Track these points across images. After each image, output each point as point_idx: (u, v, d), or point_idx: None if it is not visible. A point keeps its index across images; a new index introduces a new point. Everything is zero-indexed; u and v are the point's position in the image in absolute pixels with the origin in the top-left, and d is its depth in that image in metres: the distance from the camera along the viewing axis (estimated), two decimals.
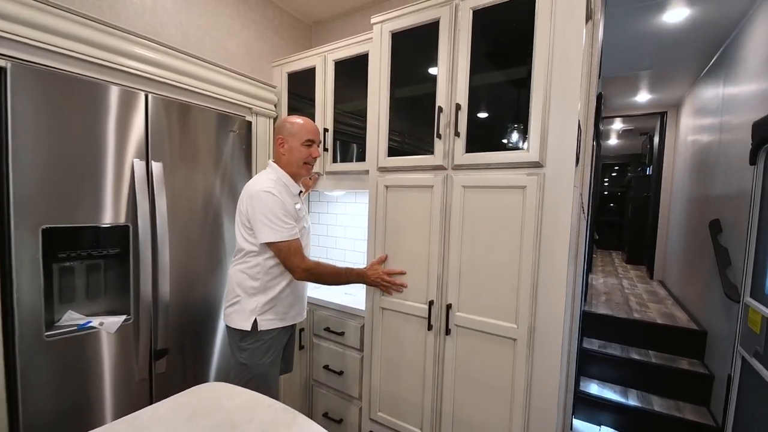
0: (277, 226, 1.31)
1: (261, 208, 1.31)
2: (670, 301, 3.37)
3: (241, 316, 1.38)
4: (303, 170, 1.47)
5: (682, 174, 3.78)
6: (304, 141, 1.43)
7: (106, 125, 1.30)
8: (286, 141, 1.43)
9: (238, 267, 1.40)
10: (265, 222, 1.31)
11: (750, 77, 2.13)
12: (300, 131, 1.43)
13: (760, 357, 1.68)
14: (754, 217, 1.87)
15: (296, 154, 1.43)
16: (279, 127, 1.46)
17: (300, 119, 1.46)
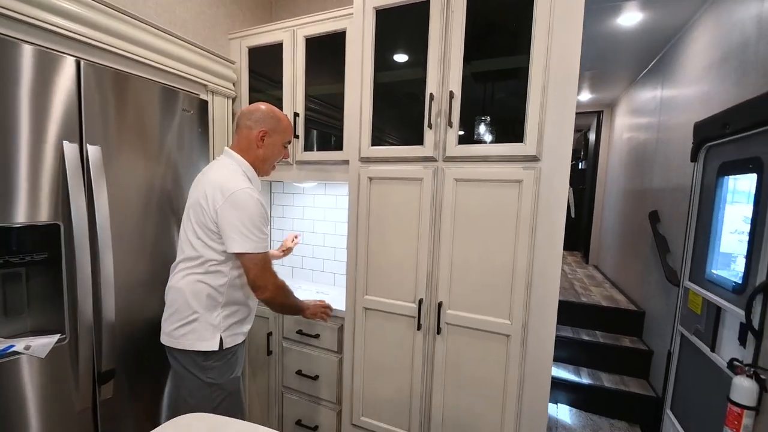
0: (254, 236, 1.13)
1: (242, 213, 1.11)
2: (608, 284, 3.70)
3: (203, 335, 1.17)
4: (269, 171, 1.34)
5: (616, 168, 4.13)
6: (286, 141, 1.32)
7: (21, 97, 1.01)
8: (269, 135, 1.26)
9: (195, 278, 1.18)
10: (242, 230, 1.11)
11: (690, 81, 2.33)
12: (287, 130, 1.31)
13: (701, 335, 1.87)
14: (693, 208, 2.07)
15: (275, 153, 1.30)
16: (264, 117, 1.25)
17: (284, 117, 1.31)
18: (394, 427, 1.47)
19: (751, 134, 1.59)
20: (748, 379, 1.37)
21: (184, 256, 1.21)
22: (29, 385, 1.05)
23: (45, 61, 1.06)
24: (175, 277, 1.22)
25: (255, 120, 1.24)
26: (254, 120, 1.24)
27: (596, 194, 4.73)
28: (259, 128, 1.24)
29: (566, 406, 2.47)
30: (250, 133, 1.24)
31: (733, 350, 1.60)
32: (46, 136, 1.07)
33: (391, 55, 1.43)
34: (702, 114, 2.05)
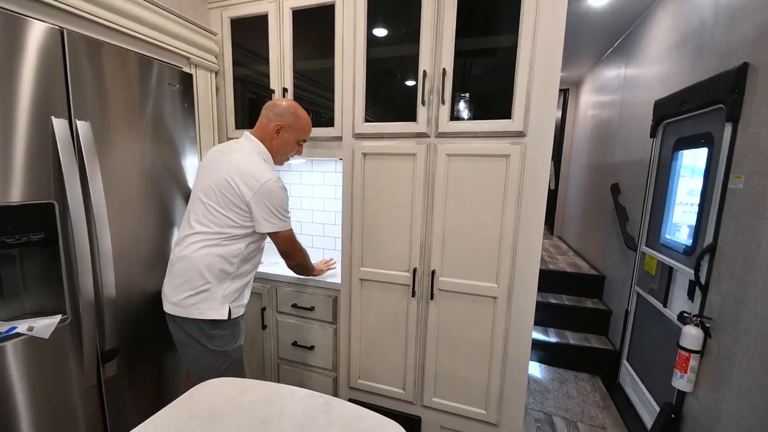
0: (284, 217, 1.27)
1: (273, 201, 1.23)
2: (572, 252, 3.99)
3: (212, 305, 1.24)
4: (280, 163, 1.39)
5: (580, 144, 4.37)
6: (301, 139, 1.37)
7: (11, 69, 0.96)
8: (284, 130, 1.31)
9: (211, 250, 1.23)
10: (274, 214, 1.24)
11: (651, 61, 2.50)
12: (304, 129, 1.36)
13: (655, 293, 2.12)
14: (651, 180, 2.27)
15: (288, 149, 1.36)
16: (283, 112, 1.31)
17: (305, 116, 1.36)
18: (390, 387, 1.58)
19: (704, 112, 1.76)
20: (695, 327, 1.59)
21: (200, 229, 1.24)
22: (35, 365, 1.05)
23: (33, 33, 0.99)
24: (188, 248, 1.24)
25: (275, 113, 1.30)
26: (275, 113, 1.30)
27: (561, 169, 4.99)
28: (277, 122, 1.30)
29: (536, 363, 2.72)
30: (268, 124, 1.31)
31: (682, 305, 1.83)
32: (33, 111, 1.02)
33: (384, 31, 1.44)
34: (662, 93, 2.23)
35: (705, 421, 1.52)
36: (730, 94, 1.52)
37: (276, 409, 0.80)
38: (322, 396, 0.85)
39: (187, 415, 0.78)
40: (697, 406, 1.60)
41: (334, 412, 0.80)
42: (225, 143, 1.37)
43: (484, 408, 1.45)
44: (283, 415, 0.78)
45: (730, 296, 1.45)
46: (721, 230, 1.54)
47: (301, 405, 0.82)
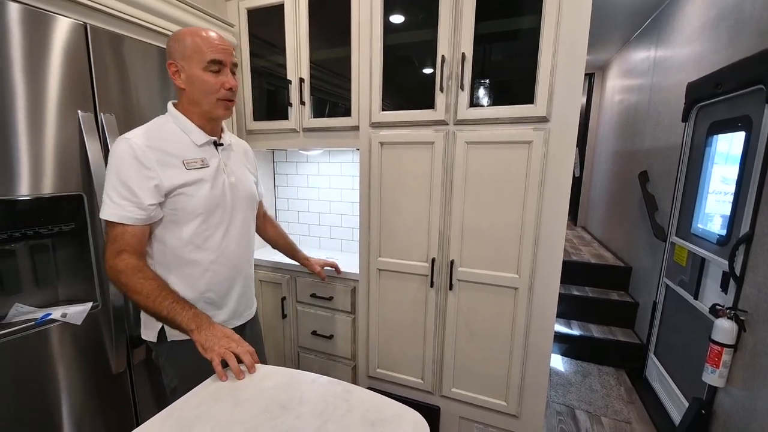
0: (107, 194, 0.88)
1: (108, 167, 0.90)
2: (596, 243, 3.87)
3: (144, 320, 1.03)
4: (219, 109, 0.99)
5: (606, 131, 4.21)
6: (207, 64, 0.94)
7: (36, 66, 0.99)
8: (181, 69, 0.94)
9: None
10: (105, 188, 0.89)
11: (684, 41, 2.36)
12: (197, 49, 0.93)
13: (685, 285, 2.03)
14: (683, 167, 2.17)
15: (200, 86, 0.95)
16: (168, 50, 0.96)
17: (195, 31, 0.95)
18: (409, 376, 1.58)
19: (741, 93, 1.66)
20: (728, 320, 1.52)
21: None
22: (69, 350, 1.10)
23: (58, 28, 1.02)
24: None
25: (167, 59, 0.97)
26: (167, 59, 0.97)
27: (585, 157, 4.83)
28: (167, 64, 0.96)
29: (559, 356, 2.66)
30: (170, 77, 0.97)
31: (714, 297, 1.75)
32: (61, 106, 1.05)
33: (401, 17, 1.41)
34: (695, 75, 2.10)
35: (738, 418, 1.46)
36: None
37: (296, 395, 0.81)
38: (341, 383, 0.85)
39: (210, 400, 0.80)
40: (729, 402, 1.53)
41: (353, 399, 0.80)
42: None
43: (504, 399, 1.43)
44: (304, 401, 0.79)
45: (767, 288, 1.37)
46: (759, 219, 1.46)
47: (321, 391, 0.83)
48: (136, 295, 0.88)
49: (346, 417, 0.74)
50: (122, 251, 0.88)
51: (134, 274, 0.87)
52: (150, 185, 0.89)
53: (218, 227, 1.02)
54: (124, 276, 0.87)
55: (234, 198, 1.05)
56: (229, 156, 1.08)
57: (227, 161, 1.07)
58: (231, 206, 1.04)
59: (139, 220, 0.89)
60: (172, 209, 0.94)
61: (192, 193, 0.95)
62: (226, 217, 1.03)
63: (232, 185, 1.05)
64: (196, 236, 0.98)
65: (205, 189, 0.97)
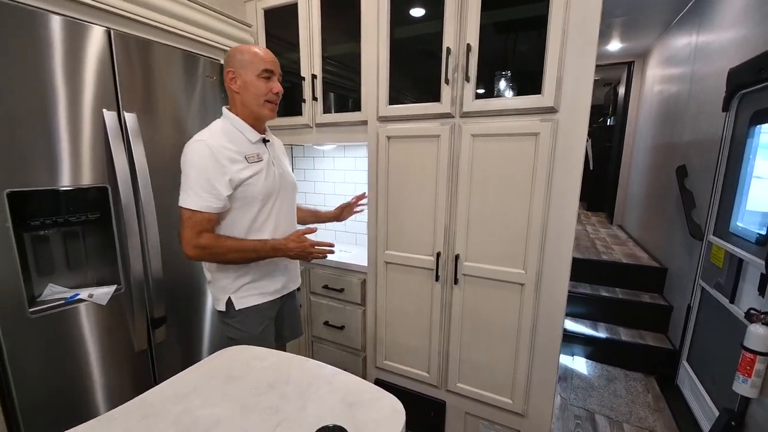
0: (186, 187, 1.05)
1: (183, 163, 1.07)
2: (631, 242, 3.66)
3: (216, 296, 1.20)
4: (265, 110, 1.16)
5: (645, 123, 3.95)
6: (261, 72, 1.13)
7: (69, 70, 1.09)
8: (238, 76, 1.13)
9: None
10: (182, 182, 1.07)
11: (726, 25, 2.18)
12: (254, 60, 1.12)
13: (721, 288, 1.88)
14: (722, 160, 2.00)
15: (255, 90, 1.13)
16: (227, 59, 1.15)
17: (253, 47, 1.16)
18: (415, 369, 1.59)
19: None
20: (763, 326, 1.40)
21: None
22: (96, 328, 1.21)
23: (83, 35, 1.13)
24: None
25: (225, 67, 1.15)
26: (225, 67, 1.15)
27: (623, 152, 4.56)
28: (227, 70, 1.14)
29: (582, 359, 2.56)
30: (226, 83, 1.16)
31: (751, 301, 1.62)
32: (89, 105, 1.16)
33: (408, 10, 1.42)
34: (737, 61, 1.93)
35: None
36: None
37: (284, 375, 0.85)
38: (328, 367, 0.88)
39: (206, 375, 0.85)
40: (762, 414, 1.41)
41: (336, 382, 0.83)
42: None
43: (510, 397, 1.41)
44: (290, 381, 0.83)
45: None
46: None
47: (308, 373, 0.86)
48: (223, 255, 1.10)
49: (327, 398, 0.77)
50: (201, 232, 1.06)
51: (216, 241, 1.08)
52: (225, 180, 1.07)
53: (272, 211, 1.20)
54: (210, 247, 1.07)
55: (282, 186, 1.24)
56: (274, 150, 1.25)
57: (273, 155, 1.24)
58: (281, 193, 1.23)
59: (216, 208, 1.07)
60: (238, 198, 1.12)
61: (254, 183, 1.13)
62: (277, 202, 1.22)
63: (281, 175, 1.24)
64: (256, 220, 1.17)
65: (262, 179, 1.15)
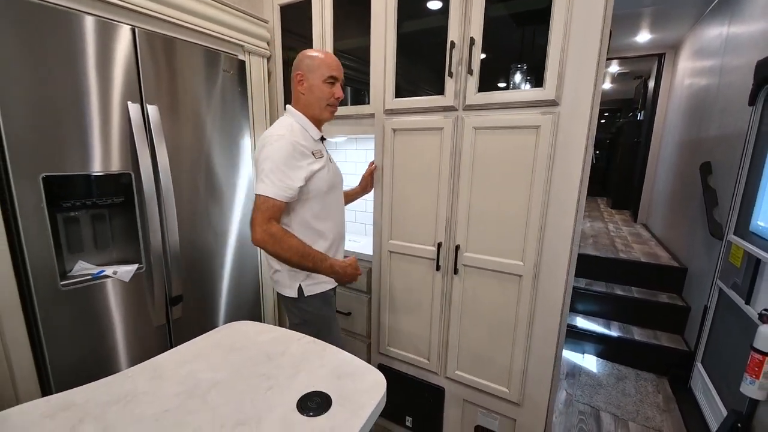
0: (265, 177, 1.14)
1: (263, 154, 1.17)
2: (653, 242, 3.55)
3: (285, 282, 1.29)
4: (326, 113, 1.29)
5: (674, 118, 3.80)
6: (327, 78, 1.24)
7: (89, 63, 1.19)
8: (306, 78, 1.24)
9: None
10: (260, 171, 1.16)
11: (758, 15, 2.07)
12: (323, 65, 1.23)
13: (738, 288, 1.82)
14: (746, 156, 1.92)
15: (320, 94, 1.24)
16: (297, 62, 1.26)
17: (320, 52, 1.26)
18: (416, 356, 1.64)
19: None
20: None
21: None
22: (119, 303, 1.33)
23: (111, 33, 1.22)
24: None
25: (294, 69, 1.26)
26: (293, 69, 1.26)
27: (651, 148, 4.40)
28: (295, 73, 1.25)
29: (593, 356, 2.53)
30: (293, 84, 1.27)
31: (767, 302, 1.57)
32: (115, 98, 1.26)
33: (415, 4, 1.44)
34: (767, 53, 1.84)
35: None
36: None
37: (281, 348, 0.92)
38: (322, 344, 0.95)
39: (210, 346, 0.94)
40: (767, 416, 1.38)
41: (328, 356, 0.89)
42: None
43: (506, 386, 1.44)
44: (286, 353, 0.90)
45: None
46: None
47: (303, 348, 0.93)
48: (284, 251, 1.15)
49: (318, 370, 0.83)
50: (271, 218, 1.14)
51: (283, 234, 1.15)
52: (299, 173, 1.17)
53: (332, 203, 1.33)
54: (276, 237, 1.13)
55: (339, 180, 1.39)
56: (327, 148, 1.37)
57: (329, 152, 1.36)
58: (338, 186, 1.37)
59: (287, 197, 1.16)
60: (307, 190, 1.22)
61: (321, 177, 1.24)
62: (336, 194, 1.35)
63: (336, 169, 1.37)
64: (320, 210, 1.27)
65: (325, 173, 1.26)
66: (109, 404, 0.72)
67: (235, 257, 1.75)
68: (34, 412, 0.69)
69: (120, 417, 0.68)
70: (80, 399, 0.73)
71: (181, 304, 1.51)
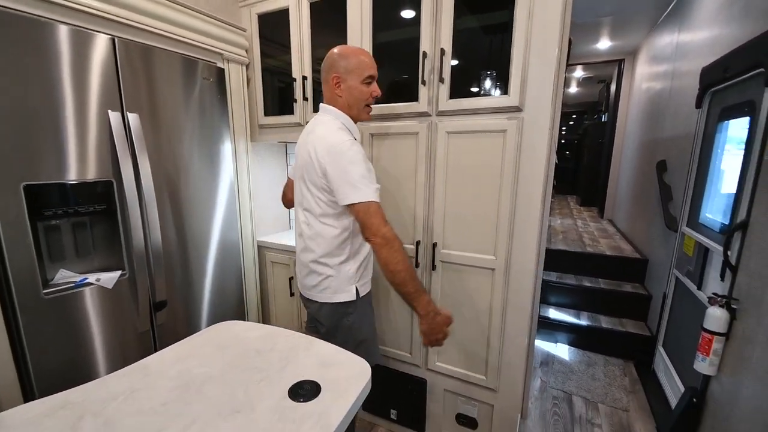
0: (359, 185, 1.10)
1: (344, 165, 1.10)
2: (618, 236, 3.77)
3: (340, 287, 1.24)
4: (364, 114, 1.25)
5: (634, 120, 4.05)
6: (365, 78, 1.19)
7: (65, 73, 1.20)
8: (343, 80, 1.19)
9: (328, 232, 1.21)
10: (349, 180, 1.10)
11: (702, 25, 2.27)
12: (359, 66, 1.18)
13: (691, 275, 1.99)
14: (695, 155, 2.11)
15: (359, 96, 1.20)
16: (331, 63, 1.20)
17: (357, 52, 1.21)
18: (398, 350, 1.71)
19: (747, 78, 1.61)
20: (720, 308, 1.51)
21: (308, 214, 1.23)
22: (103, 309, 1.33)
23: (90, 42, 1.24)
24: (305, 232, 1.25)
25: (326, 69, 1.21)
26: (326, 70, 1.21)
27: (614, 148, 4.66)
28: (332, 75, 1.19)
29: (565, 345, 2.67)
30: (327, 85, 1.21)
31: (715, 286, 1.73)
32: (96, 106, 1.27)
33: (389, 16, 1.52)
34: (710, 59, 2.03)
35: (725, 405, 1.46)
36: None
37: (270, 344, 0.97)
38: (309, 338, 1.00)
39: (200, 345, 0.97)
40: (719, 390, 1.53)
41: (314, 348, 0.95)
42: (311, 120, 1.31)
43: (483, 374, 1.52)
44: (275, 348, 0.95)
45: (757, 275, 1.36)
46: (755, 206, 1.43)
47: (291, 342, 0.98)
48: (399, 260, 1.10)
49: (304, 360, 0.89)
50: (384, 220, 1.12)
51: (396, 242, 1.11)
52: (373, 174, 1.16)
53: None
54: (391, 242, 1.10)
55: None
56: None
57: None
58: None
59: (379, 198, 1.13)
60: None
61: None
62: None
63: None
64: None
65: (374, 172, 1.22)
66: (107, 401, 0.75)
67: (217, 262, 1.78)
68: (31, 412, 0.72)
69: (119, 411, 0.72)
70: (77, 398, 0.76)
71: (166, 309, 1.52)
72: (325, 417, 0.70)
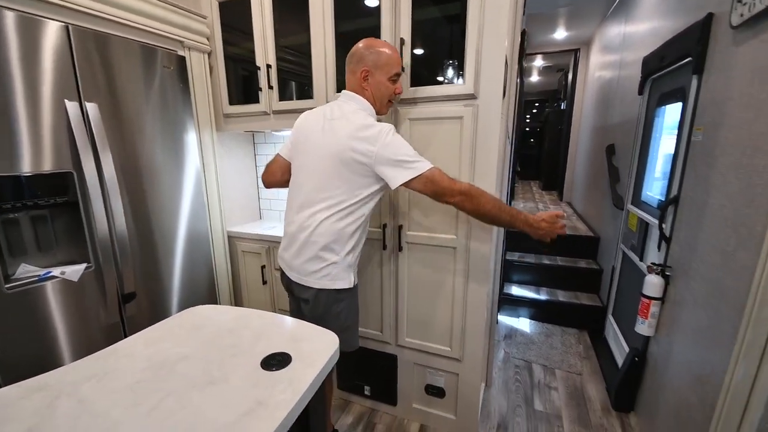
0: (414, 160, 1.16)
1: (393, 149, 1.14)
2: (575, 217, 4.01)
3: (340, 274, 1.27)
4: (384, 109, 1.29)
5: (588, 107, 4.28)
6: (392, 75, 1.23)
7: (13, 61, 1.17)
8: (371, 75, 1.21)
9: (341, 221, 1.22)
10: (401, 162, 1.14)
11: (644, 17, 2.44)
12: (389, 62, 1.21)
13: (635, 249, 2.19)
14: (638, 138, 2.29)
15: (384, 91, 1.24)
16: (360, 56, 1.21)
17: (386, 47, 1.23)
18: (370, 329, 1.79)
19: (679, 66, 1.77)
20: (656, 276, 1.68)
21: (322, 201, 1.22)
22: (69, 303, 1.32)
23: (42, 29, 1.20)
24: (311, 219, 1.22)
25: (355, 61, 1.22)
26: (354, 62, 1.22)
27: (571, 134, 4.91)
28: (360, 69, 1.21)
29: (526, 319, 2.86)
30: (354, 77, 1.23)
31: (654, 257, 1.91)
32: (50, 96, 1.24)
33: (350, 5, 1.56)
34: (651, 49, 2.20)
35: (662, 361, 1.64)
36: (696, 46, 1.54)
37: (243, 323, 1.01)
38: (281, 317, 1.05)
39: (174, 327, 1.00)
40: (657, 349, 1.72)
41: (286, 326, 1.00)
42: (326, 105, 1.31)
43: (449, 345, 1.63)
44: (248, 327, 0.99)
45: (685, 245, 1.53)
46: (684, 182, 1.60)
47: (263, 321, 1.03)
48: (483, 204, 1.19)
49: (276, 337, 0.94)
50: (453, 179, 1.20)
51: (475, 189, 1.20)
52: None
53: None
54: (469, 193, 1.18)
55: None
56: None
57: None
58: None
59: None
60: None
61: None
62: None
63: None
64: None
65: None
66: (82, 382, 0.77)
67: (186, 252, 1.78)
68: (8, 395, 0.73)
69: (94, 391, 0.75)
70: (52, 381, 0.78)
71: (135, 301, 1.52)
72: (296, 382, 0.76)
